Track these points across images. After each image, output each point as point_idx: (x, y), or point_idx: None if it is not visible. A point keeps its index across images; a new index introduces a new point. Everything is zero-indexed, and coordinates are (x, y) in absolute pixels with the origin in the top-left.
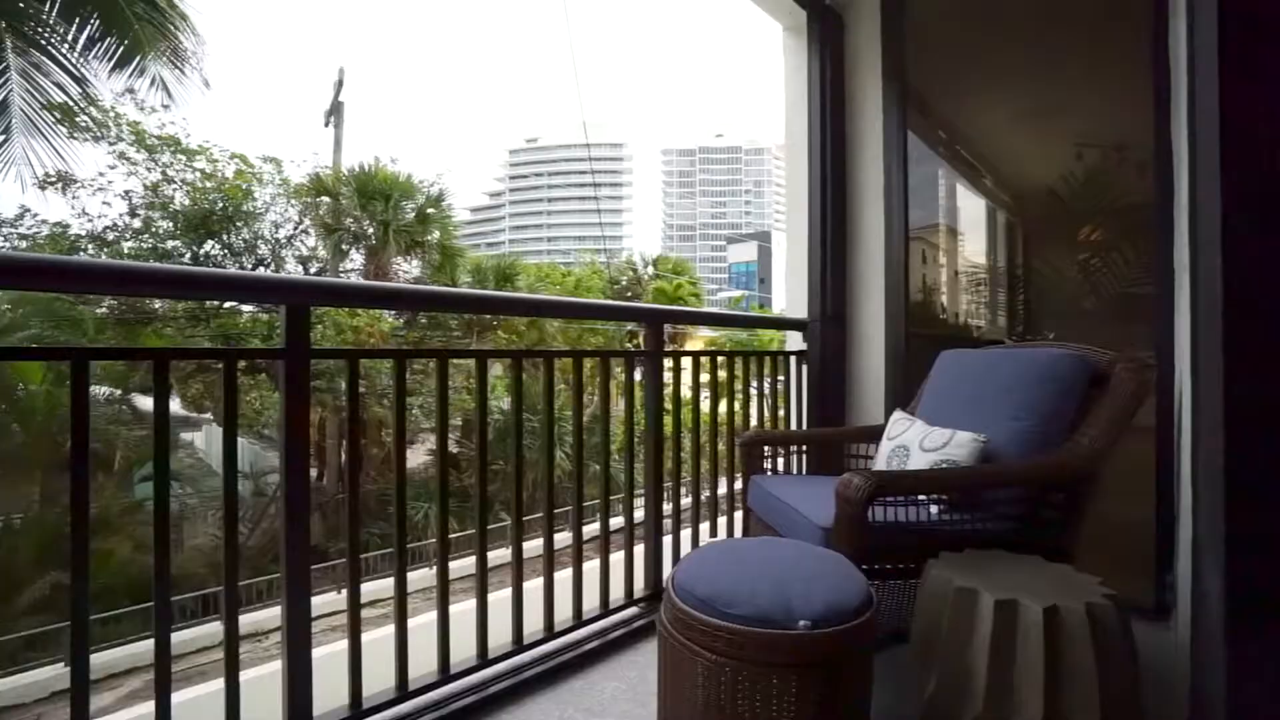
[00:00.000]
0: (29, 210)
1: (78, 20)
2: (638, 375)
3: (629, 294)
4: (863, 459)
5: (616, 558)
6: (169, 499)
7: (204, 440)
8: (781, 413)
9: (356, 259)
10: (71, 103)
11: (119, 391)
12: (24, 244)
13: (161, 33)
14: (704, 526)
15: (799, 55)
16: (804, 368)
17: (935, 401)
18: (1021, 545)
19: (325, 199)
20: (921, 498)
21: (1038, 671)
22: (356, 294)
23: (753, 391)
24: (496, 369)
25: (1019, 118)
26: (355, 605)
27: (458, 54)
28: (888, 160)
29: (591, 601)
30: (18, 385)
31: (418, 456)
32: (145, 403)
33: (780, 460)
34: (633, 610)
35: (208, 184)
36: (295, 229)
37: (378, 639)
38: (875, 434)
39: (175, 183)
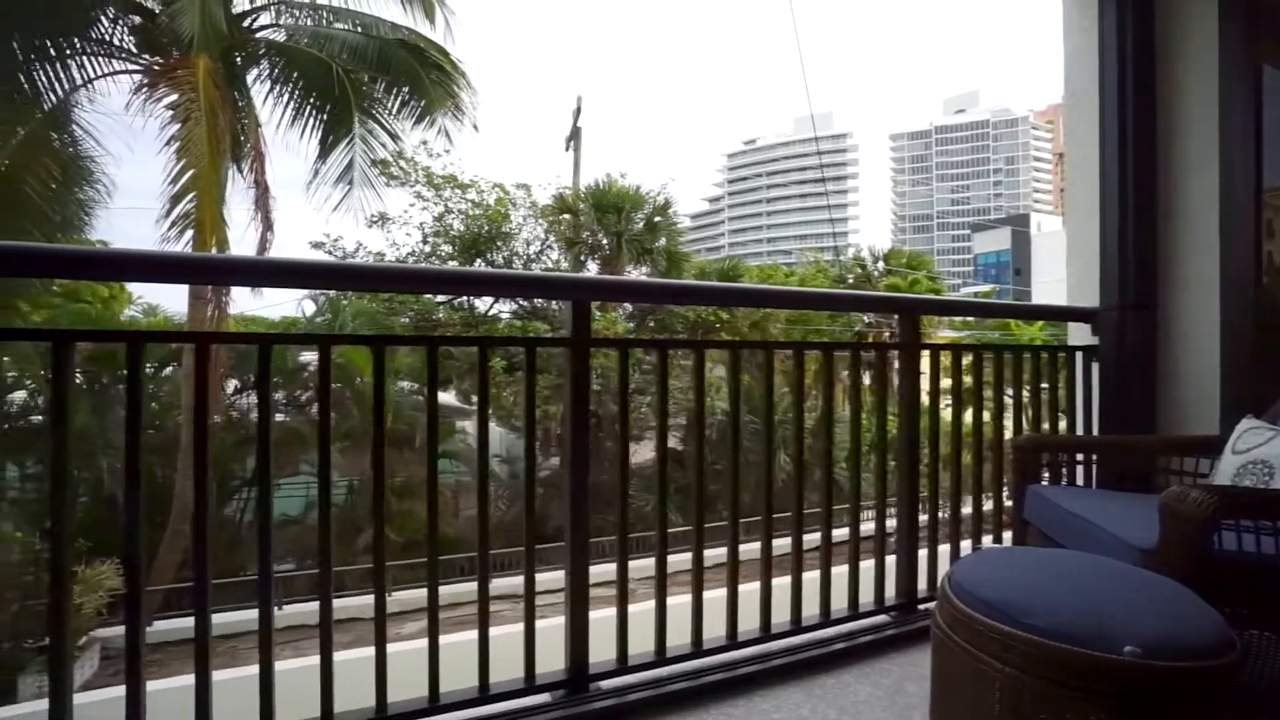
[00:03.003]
0: (361, 244)
1: (394, 91)
2: (865, 373)
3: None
4: (1187, 475)
5: (864, 565)
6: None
7: (473, 427)
8: (1063, 422)
9: (592, 268)
10: (390, 158)
11: (417, 385)
12: None
13: (447, 91)
14: (964, 543)
15: None
16: (1093, 365)
17: None
18: None
19: (566, 216)
20: None
21: None
22: (630, 289)
23: (1007, 393)
24: (718, 369)
25: None
26: (624, 577)
27: (679, 65)
28: (1227, 106)
29: (837, 604)
30: (356, 378)
31: (645, 453)
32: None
33: (1063, 471)
34: (882, 618)
35: (476, 211)
36: (542, 245)
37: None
38: (1206, 445)
39: (454, 213)
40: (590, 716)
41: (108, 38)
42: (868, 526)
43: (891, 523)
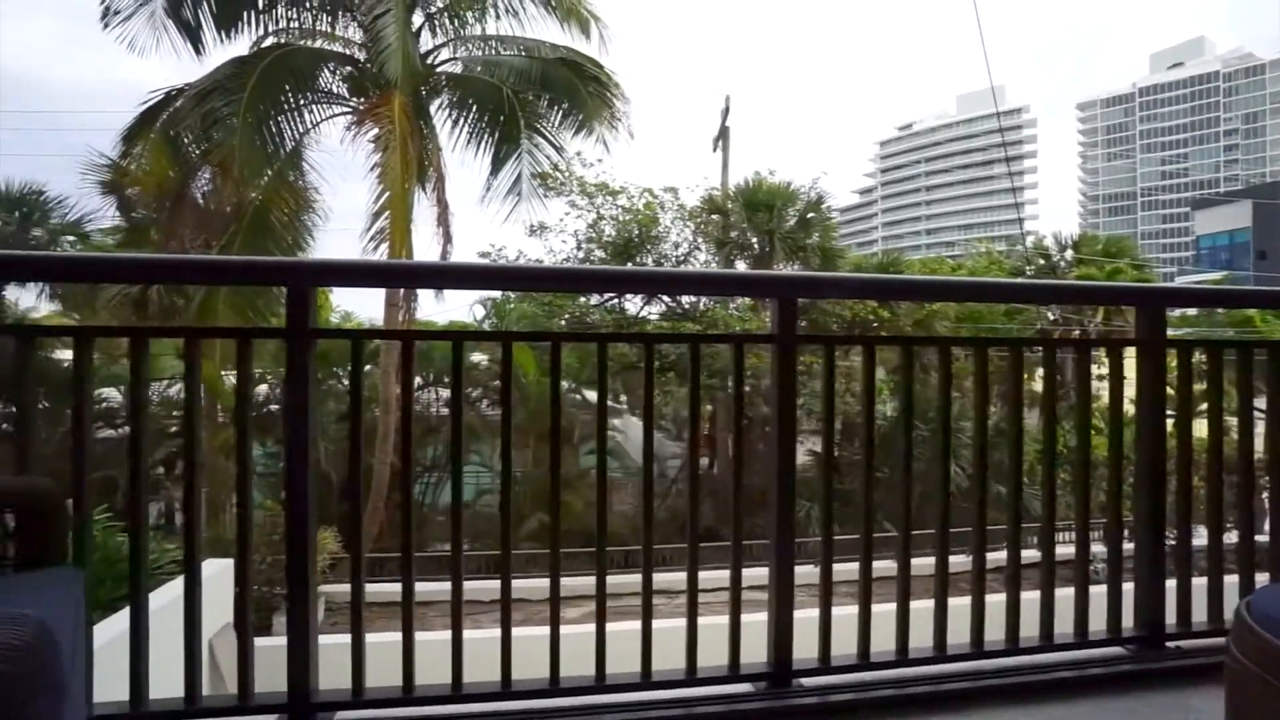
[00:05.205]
0: (522, 252)
1: (556, 106)
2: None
3: None
4: None
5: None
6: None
7: (622, 425)
8: None
9: (741, 267)
10: (548, 171)
11: (575, 383)
12: None
13: (604, 102)
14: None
15: None
16: None
17: None
18: None
19: (715, 216)
20: None
21: None
22: (837, 285)
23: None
24: (878, 371)
25: None
26: (828, 576)
27: (826, 54)
28: None
29: (1059, 628)
30: (520, 376)
31: (798, 457)
32: (590, 394)
33: None
34: (1118, 650)
35: (626, 217)
36: (691, 247)
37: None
38: None
39: (605, 219)
40: (794, 711)
41: (328, 87)
42: (1094, 548)
43: (1126, 545)
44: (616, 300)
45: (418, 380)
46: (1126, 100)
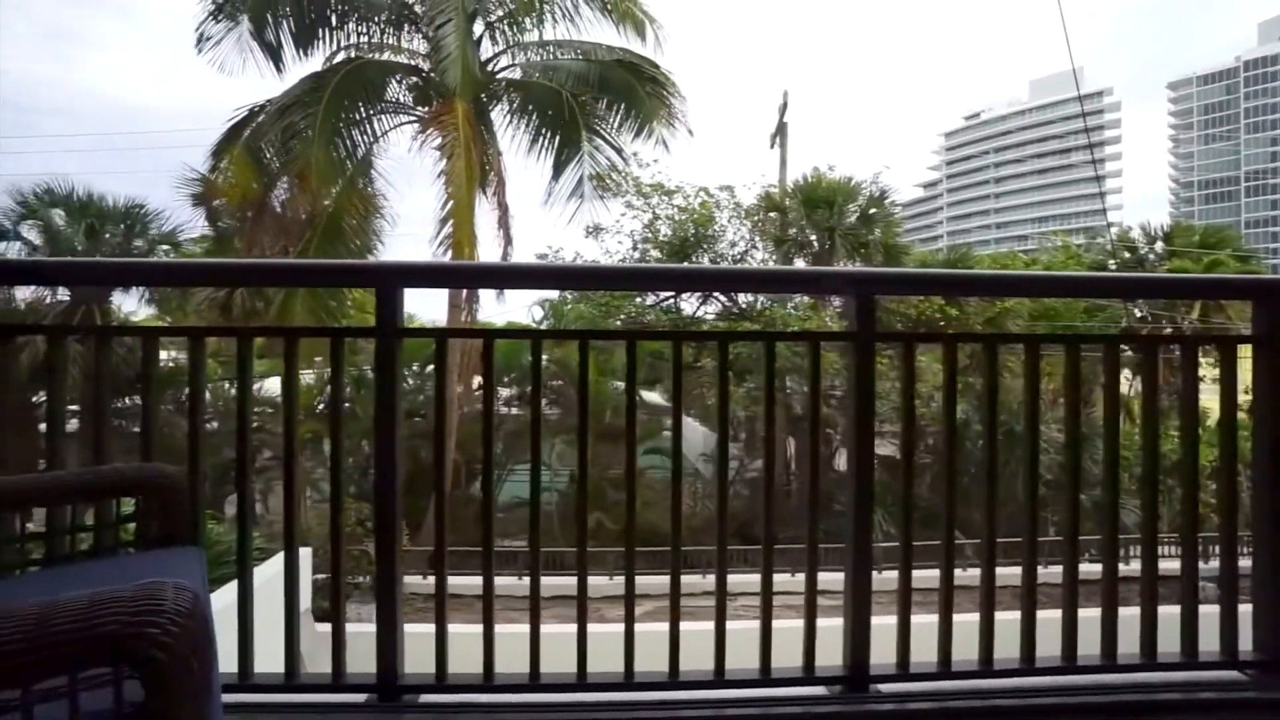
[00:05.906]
0: (578, 253)
1: (614, 108)
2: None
3: None
4: None
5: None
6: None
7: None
8: None
9: (799, 265)
10: (604, 173)
11: (623, 385)
12: None
13: (661, 102)
14: None
15: None
16: None
17: None
18: None
19: (773, 214)
20: None
21: None
22: (920, 281)
23: None
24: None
25: None
26: (906, 581)
27: (888, 42)
28: None
29: (1162, 647)
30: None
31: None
32: (646, 394)
33: None
34: (1234, 675)
35: (682, 216)
36: (747, 245)
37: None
38: None
39: (661, 219)
40: (872, 716)
41: (395, 97)
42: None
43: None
44: (672, 300)
45: (477, 380)
46: (1229, 75)
